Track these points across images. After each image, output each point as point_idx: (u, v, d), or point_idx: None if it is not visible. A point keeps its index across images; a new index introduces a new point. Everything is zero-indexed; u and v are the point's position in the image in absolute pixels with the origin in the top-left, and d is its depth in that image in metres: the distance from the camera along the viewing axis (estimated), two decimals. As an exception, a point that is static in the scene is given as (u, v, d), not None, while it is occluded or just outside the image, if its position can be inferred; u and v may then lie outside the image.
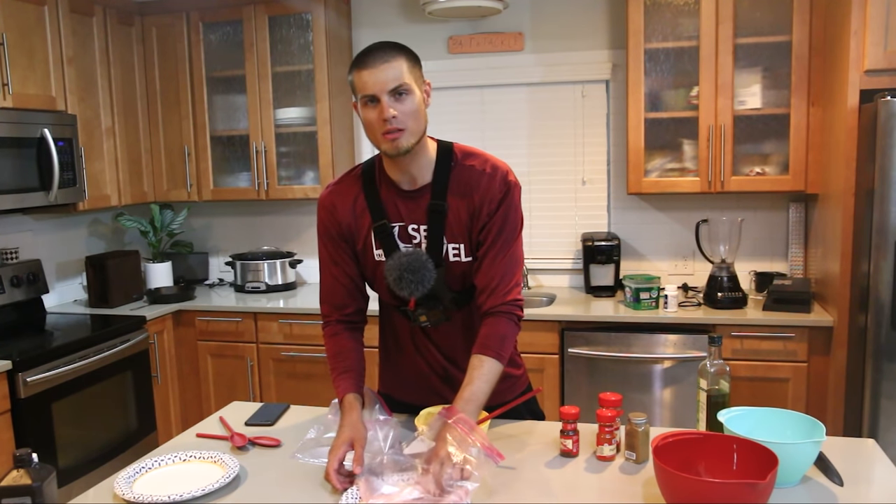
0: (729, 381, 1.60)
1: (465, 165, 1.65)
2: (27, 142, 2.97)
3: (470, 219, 1.64)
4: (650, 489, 1.43)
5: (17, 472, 1.29)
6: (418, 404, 1.75)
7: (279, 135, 3.70)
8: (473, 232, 1.64)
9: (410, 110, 1.54)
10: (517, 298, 1.65)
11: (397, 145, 1.54)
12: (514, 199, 1.65)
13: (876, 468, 1.52)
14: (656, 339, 3.02)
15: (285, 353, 3.45)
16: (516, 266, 1.66)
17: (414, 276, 1.60)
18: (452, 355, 1.76)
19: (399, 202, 1.66)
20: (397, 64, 1.52)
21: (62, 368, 2.81)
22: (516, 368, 1.84)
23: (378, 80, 1.51)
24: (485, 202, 1.63)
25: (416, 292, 1.62)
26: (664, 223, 3.56)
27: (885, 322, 2.61)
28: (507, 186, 1.63)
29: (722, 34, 3.08)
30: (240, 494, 1.48)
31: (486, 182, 1.63)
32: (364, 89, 1.53)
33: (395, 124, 1.52)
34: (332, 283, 1.75)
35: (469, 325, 1.73)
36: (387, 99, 1.51)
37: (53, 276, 3.58)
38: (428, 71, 1.67)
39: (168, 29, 3.72)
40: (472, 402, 1.53)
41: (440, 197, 1.63)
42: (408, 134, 1.54)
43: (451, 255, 1.65)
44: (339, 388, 1.67)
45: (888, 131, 2.54)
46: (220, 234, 4.18)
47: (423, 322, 1.70)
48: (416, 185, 1.65)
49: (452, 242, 1.64)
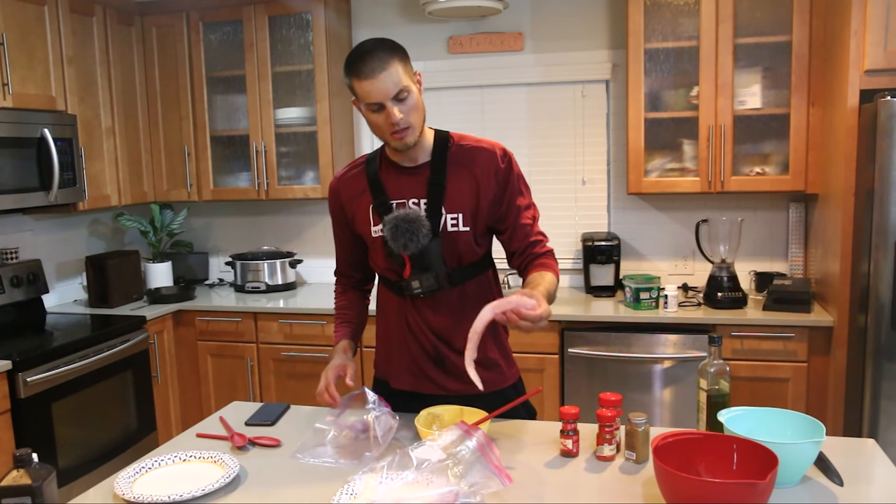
0: (729, 381, 1.60)
1: (461, 145, 1.78)
2: (27, 142, 2.97)
3: (473, 189, 1.74)
4: (650, 489, 1.43)
5: (17, 472, 1.29)
6: (410, 391, 1.83)
7: (279, 135, 3.70)
8: (482, 200, 1.73)
9: (412, 108, 1.65)
10: (550, 249, 1.81)
11: (406, 142, 1.67)
12: (518, 170, 1.80)
13: (876, 468, 1.52)
14: (656, 339, 3.02)
15: (285, 353, 3.45)
16: (536, 219, 1.82)
17: (409, 226, 1.67)
18: (446, 336, 1.80)
19: (400, 179, 1.77)
20: (394, 69, 1.60)
21: (62, 368, 2.81)
22: (507, 360, 1.88)
23: (380, 89, 1.59)
24: (490, 172, 1.74)
25: (411, 245, 1.68)
26: (664, 223, 3.56)
27: (885, 322, 2.61)
28: (508, 157, 1.78)
29: (722, 34, 3.08)
30: (240, 494, 1.48)
31: (484, 155, 1.76)
32: (368, 98, 1.62)
33: (402, 125, 1.63)
34: (341, 256, 1.97)
35: (463, 304, 1.78)
36: (391, 104, 1.61)
37: (53, 276, 3.58)
38: (428, 71, 1.70)
39: (168, 29, 3.73)
40: (550, 292, 1.64)
41: (440, 172, 1.74)
42: (413, 129, 1.67)
43: (449, 224, 1.73)
44: (337, 334, 1.91)
45: (888, 131, 2.54)
46: (220, 234, 4.18)
47: (416, 289, 1.75)
48: (417, 163, 1.76)
49: (451, 213, 1.73)
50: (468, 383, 1.62)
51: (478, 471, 1.39)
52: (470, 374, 1.50)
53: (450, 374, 1.80)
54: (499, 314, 1.47)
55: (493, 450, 1.44)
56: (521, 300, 1.46)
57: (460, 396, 1.75)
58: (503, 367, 1.86)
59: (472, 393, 1.65)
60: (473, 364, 1.50)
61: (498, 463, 1.43)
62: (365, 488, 1.41)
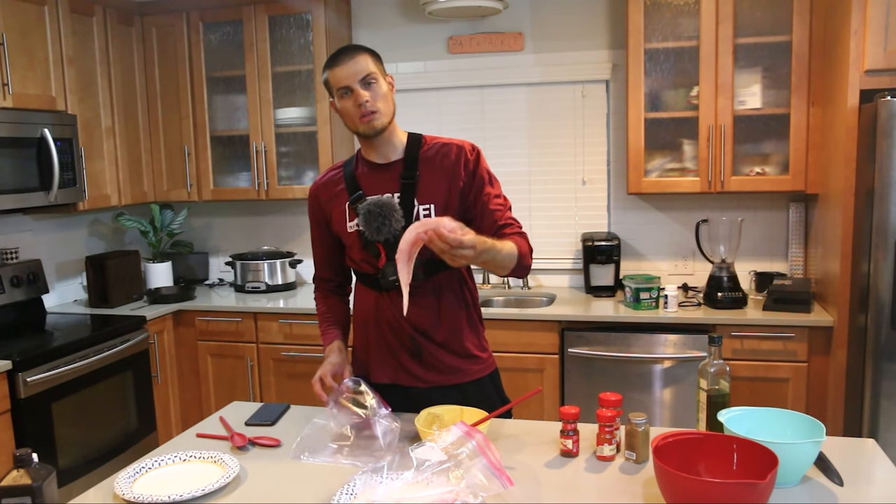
0: (729, 381, 1.60)
1: (433, 144, 1.88)
2: (27, 142, 2.97)
3: (444, 182, 1.83)
4: (650, 489, 1.43)
5: (17, 472, 1.29)
6: (390, 383, 1.88)
7: (279, 135, 3.70)
8: (453, 190, 1.82)
9: (380, 94, 1.78)
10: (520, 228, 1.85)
11: (373, 125, 1.78)
12: (485, 163, 1.89)
13: (876, 468, 1.52)
14: (656, 339, 3.02)
15: (285, 353, 3.45)
16: (508, 207, 1.88)
17: (381, 210, 1.75)
18: (422, 327, 1.85)
19: (374, 176, 1.86)
20: (362, 59, 1.77)
21: (62, 368, 2.81)
22: (482, 352, 1.95)
23: (349, 73, 1.76)
24: (459, 164, 1.84)
25: (384, 229, 1.75)
26: (664, 223, 3.56)
27: (885, 322, 2.61)
28: (476, 152, 1.88)
29: (722, 34, 3.08)
30: (240, 494, 1.48)
31: (455, 150, 1.86)
32: (338, 83, 1.77)
33: (368, 107, 1.76)
34: (320, 259, 2.03)
35: (438, 296, 1.85)
36: (359, 86, 1.76)
37: (53, 276, 3.58)
38: (428, 71, 1.71)
39: (168, 29, 3.73)
40: (492, 243, 1.65)
41: (411, 167, 1.84)
42: (380, 115, 1.78)
43: (421, 214, 1.81)
44: (327, 335, 1.97)
45: (888, 131, 2.54)
46: (220, 234, 4.18)
47: (391, 277, 1.78)
48: (390, 160, 1.86)
49: (423, 203, 1.81)
50: (446, 374, 1.84)
51: (478, 471, 1.39)
52: (404, 298, 1.55)
53: (428, 365, 1.86)
54: (420, 232, 1.51)
55: (494, 451, 1.44)
56: (442, 221, 1.51)
57: (438, 388, 1.82)
58: (479, 356, 1.92)
59: (450, 383, 1.84)
60: (408, 286, 1.54)
61: (498, 465, 1.43)
62: (365, 488, 1.41)
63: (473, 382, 1.89)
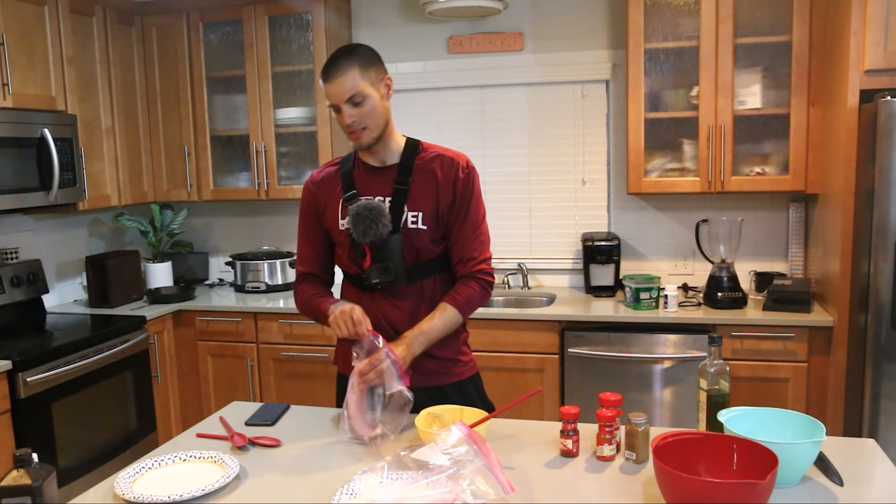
0: (729, 381, 1.60)
1: (429, 152, 1.91)
2: (27, 142, 2.97)
3: (434, 192, 1.86)
4: (650, 489, 1.43)
5: (17, 472, 1.29)
6: None
7: (279, 135, 3.70)
8: (441, 204, 1.85)
9: (368, 112, 1.78)
10: (489, 269, 1.91)
11: (361, 142, 1.83)
12: (476, 186, 1.90)
13: (876, 468, 1.52)
14: (656, 339, 3.02)
15: (285, 353, 3.45)
16: (486, 243, 1.92)
17: (369, 214, 1.78)
18: (404, 330, 1.86)
19: (369, 178, 1.90)
20: (350, 75, 1.75)
21: (62, 368, 2.81)
22: (464, 356, 1.98)
23: (335, 92, 1.77)
24: (448, 178, 1.86)
25: (370, 232, 1.78)
26: (664, 223, 3.56)
27: (885, 322, 2.61)
28: (469, 170, 1.89)
29: (722, 34, 3.08)
30: (240, 494, 1.48)
31: (447, 162, 1.88)
32: (328, 99, 1.80)
33: (354, 128, 1.79)
34: (307, 253, 2.00)
35: (419, 300, 1.88)
36: (345, 107, 1.77)
37: (53, 276, 3.58)
38: (428, 71, 1.71)
39: (168, 29, 3.73)
40: (424, 334, 1.80)
41: (405, 174, 1.87)
42: (368, 131, 1.81)
43: (409, 222, 1.84)
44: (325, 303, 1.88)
45: (888, 131, 2.54)
46: (220, 234, 4.18)
47: (375, 279, 1.83)
48: (386, 164, 1.90)
49: (412, 211, 1.85)
50: (426, 375, 1.87)
51: (478, 472, 1.39)
52: None
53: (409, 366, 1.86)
54: (358, 383, 1.69)
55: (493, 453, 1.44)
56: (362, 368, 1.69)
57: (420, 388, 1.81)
58: (459, 360, 1.95)
59: (431, 385, 1.88)
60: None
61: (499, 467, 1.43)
62: (365, 488, 1.41)
63: (454, 385, 1.92)
